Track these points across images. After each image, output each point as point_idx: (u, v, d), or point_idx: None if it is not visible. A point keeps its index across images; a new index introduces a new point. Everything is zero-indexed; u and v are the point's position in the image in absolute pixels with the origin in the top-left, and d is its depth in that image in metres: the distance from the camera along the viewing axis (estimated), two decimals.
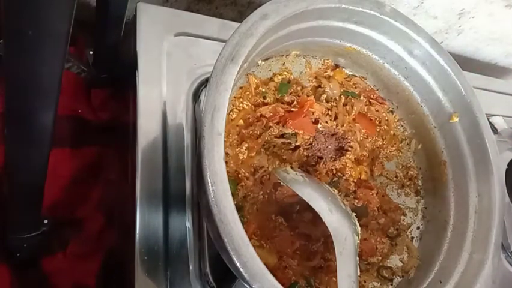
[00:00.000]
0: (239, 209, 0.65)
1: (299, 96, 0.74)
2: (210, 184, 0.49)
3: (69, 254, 0.84)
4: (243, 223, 0.50)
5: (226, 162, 0.66)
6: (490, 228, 0.69)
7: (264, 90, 0.73)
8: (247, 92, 0.72)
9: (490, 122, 0.76)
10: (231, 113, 0.70)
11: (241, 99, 0.71)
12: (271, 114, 0.71)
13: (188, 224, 0.69)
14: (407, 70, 0.78)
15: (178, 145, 0.73)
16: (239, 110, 0.70)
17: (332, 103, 0.76)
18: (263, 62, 0.75)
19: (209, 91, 0.53)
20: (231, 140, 0.68)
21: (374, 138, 0.80)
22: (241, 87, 0.72)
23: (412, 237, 0.79)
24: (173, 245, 0.67)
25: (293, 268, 0.67)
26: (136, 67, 0.74)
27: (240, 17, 1.05)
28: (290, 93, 0.74)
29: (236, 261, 0.48)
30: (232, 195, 0.51)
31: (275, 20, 0.60)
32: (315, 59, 0.80)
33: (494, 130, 1.05)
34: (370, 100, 0.82)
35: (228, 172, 0.51)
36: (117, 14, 0.78)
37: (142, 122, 0.71)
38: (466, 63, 1.26)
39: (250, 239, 0.50)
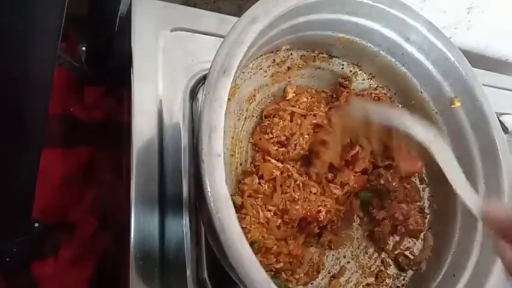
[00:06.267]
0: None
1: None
2: (214, 211, 0.48)
3: (60, 259, 0.83)
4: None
5: None
6: None
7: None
8: None
9: (500, 121, 0.75)
10: None
11: None
12: None
13: (185, 228, 0.68)
14: (404, 56, 0.76)
15: (175, 145, 0.72)
16: None
17: None
18: (253, 61, 0.73)
19: (204, 109, 0.52)
20: None
21: None
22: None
23: None
24: (169, 249, 0.66)
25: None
26: (131, 63, 0.73)
27: (239, 11, 1.03)
28: None
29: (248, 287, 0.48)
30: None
31: (265, 22, 0.58)
32: (306, 52, 0.78)
33: (505, 129, 1.04)
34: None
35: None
36: (111, 7, 0.77)
37: (137, 121, 0.70)
38: (476, 59, 1.26)
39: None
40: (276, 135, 0.68)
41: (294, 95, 0.72)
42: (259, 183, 0.64)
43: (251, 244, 0.53)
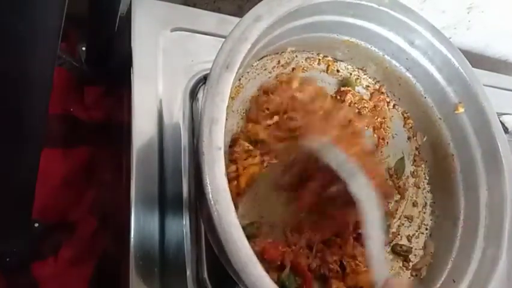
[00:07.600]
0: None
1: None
2: (212, 202, 0.48)
3: (60, 259, 0.82)
4: None
5: None
6: (502, 222, 0.68)
7: None
8: None
9: (500, 121, 0.75)
10: None
11: None
12: None
13: (185, 228, 0.68)
14: (409, 61, 0.76)
15: (175, 145, 0.72)
16: None
17: None
18: (257, 62, 0.73)
19: (205, 102, 0.52)
20: None
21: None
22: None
23: (421, 233, 0.78)
24: (169, 249, 0.66)
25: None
26: (131, 64, 0.73)
27: (239, 12, 1.03)
28: None
29: (245, 281, 0.48)
30: None
31: (269, 21, 0.58)
32: (311, 54, 0.79)
33: (505, 129, 1.05)
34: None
35: None
36: (111, 7, 0.77)
37: (137, 121, 0.70)
38: (476, 59, 1.26)
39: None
40: (271, 112, 0.69)
41: (298, 84, 0.72)
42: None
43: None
